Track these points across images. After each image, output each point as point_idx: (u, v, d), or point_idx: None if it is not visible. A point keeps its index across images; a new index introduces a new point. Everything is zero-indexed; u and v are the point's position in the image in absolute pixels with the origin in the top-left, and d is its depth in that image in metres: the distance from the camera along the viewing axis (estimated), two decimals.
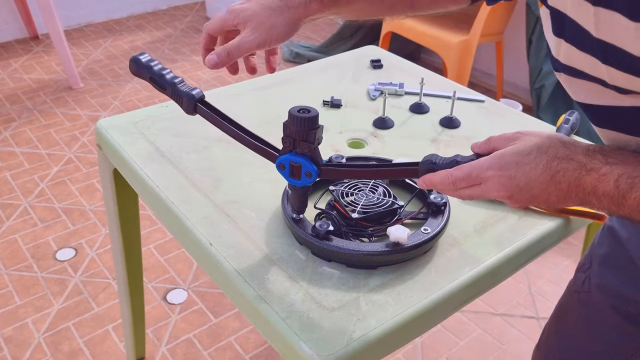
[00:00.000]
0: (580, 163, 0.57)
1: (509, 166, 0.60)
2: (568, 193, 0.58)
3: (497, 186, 0.61)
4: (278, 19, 0.74)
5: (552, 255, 2.01)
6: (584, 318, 0.78)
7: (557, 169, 0.58)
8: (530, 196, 0.60)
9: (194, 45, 3.55)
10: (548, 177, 0.58)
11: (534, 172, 0.58)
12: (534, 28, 2.52)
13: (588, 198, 0.57)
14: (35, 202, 2.18)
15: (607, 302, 0.74)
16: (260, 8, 0.74)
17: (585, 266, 0.79)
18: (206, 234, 0.85)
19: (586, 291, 0.77)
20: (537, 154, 0.59)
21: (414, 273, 0.79)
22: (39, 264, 1.89)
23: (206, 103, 0.80)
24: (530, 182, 0.59)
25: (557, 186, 0.58)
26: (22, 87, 3.02)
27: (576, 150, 0.58)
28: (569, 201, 0.59)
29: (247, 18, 0.74)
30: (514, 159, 0.60)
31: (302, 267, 0.80)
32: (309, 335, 0.69)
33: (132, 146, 1.05)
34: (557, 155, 0.58)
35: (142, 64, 0.80)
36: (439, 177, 0.65)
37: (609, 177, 0.55)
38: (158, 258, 1.94)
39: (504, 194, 0.61)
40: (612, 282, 0.73)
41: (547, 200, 0.60)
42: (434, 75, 1.37)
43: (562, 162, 0.57)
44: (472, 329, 1.72)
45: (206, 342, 1.64)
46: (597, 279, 0.76)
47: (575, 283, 0.81)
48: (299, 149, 0.75)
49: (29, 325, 1.67)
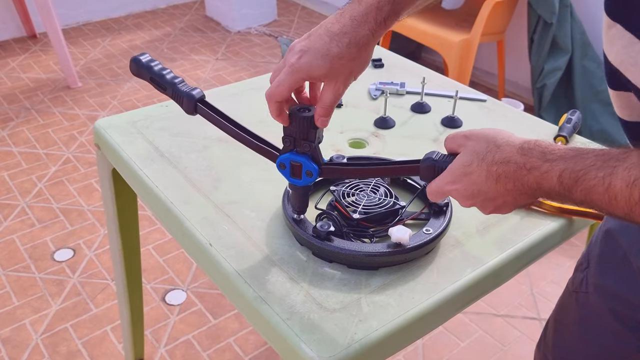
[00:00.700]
0: (517, 164, 0.59)
1: (459, 179, 0.64)
2: (517, 192, 0.60)
3: (459, 198, 0.65)
4: (354, 63, 0.70)
5: (555, 256, 2.01)
6: (580, 319, 0.78)
7: (498, 173, 0.60)
8: (489, 201, 0.63)
9: (193, 44, 3.55)
10: (493, 181, 0.61)
11: (480, 179, 0.62)
12: (536, 27, 2.52)
13: (537, 193, 0.59)
14: (33, 202, 2.18)
15: (604, 304, 0.74)
16: (329, 61, 0.68)
17: (582, 266, 0.79)
18: (206, 234, 0.85)
19: (584, 291, 0.77)
20: (477, 162, 0.62)
21: (415, 274, 0.79)
22: (36, 265, 1.89)
23: (206, 103, 0.80)
24: (482, 188, 0.62)
25: (505, 187, 0.60)
26: (20, 86, 3.02)
27: (511, 151, 0.60)
28: (524, 198, 0.61)
29: (322, 76, 0.70)
30: (461, 171, 0.63)
31: (302, 268, 0.80)
32: (310, 337, 0.69)
33: (131, 146, 1.05)
34: (494, 160, 0.60)
35: (143, 64, 0.80)
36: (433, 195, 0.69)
37: (551, 174, 0.56)
38: (157, 259, 1.94)
39: (468, 203, 0.65)
40: (609, 282, 0.73)
41: (505, 202, 0.62)
42: (436, 74, 1.36)
43: (501, 166, 0.60)
44: (474, 330, 1.72)
45: (205, 344, 1.64)
46: (594, 279, 0.76)
47: (573, 283, 0.81)
48: (299, 148, 0.75)
49: (27, 326, 1.67)
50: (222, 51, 3.47)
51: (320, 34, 0.69)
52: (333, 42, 0.68)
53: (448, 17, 2.84)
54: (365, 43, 0.69)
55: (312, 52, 0.68)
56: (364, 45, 0.69)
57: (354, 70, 0.71)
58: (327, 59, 0.68)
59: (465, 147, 0.65)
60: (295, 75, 0.69)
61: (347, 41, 0.68)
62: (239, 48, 3.53)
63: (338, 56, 0.68)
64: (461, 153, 0.65)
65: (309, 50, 0.68)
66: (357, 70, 0.71)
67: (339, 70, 0.69)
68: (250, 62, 3.36)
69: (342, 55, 0.68)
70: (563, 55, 2.48)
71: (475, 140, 0.64)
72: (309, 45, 0.69)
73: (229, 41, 3.62)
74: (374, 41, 0.70)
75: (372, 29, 0.69)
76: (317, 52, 0.68)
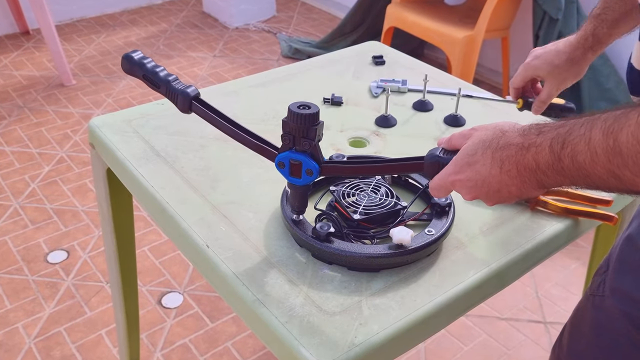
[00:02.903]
0: (518, 145, 0.60)
1: (463, 169, 0.65)
2: (521, 178, 0.61)
3: (463, 190, 0.67)
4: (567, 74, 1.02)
5: (560, 258, 2.01)
6: (595, 323, 0.78)
7: (501, 159, 0.62)
8: (492, 192, 0.64)
9: (189, 40, 3.55)
10: (498, 168, 0.62)
11: (485, 168, 0.63)
12: (541, 23, 2.52)
13: (538, 177, 0.60)
14: (25, 202, 2.18)
15: (620, 308, 0.74)
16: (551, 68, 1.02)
17: (602, 269, 0.79)
18: (203, 235, 0.85)
19: (600, 295, 0.77)
20: (482, 150, 0.63)
21: (417, 276, 0.79)
22: (29, 267, 1.89)
23: (202, 101, 0.80)
24: (485, 178, 0.63)
25: (509, 174, 0.62)
26: (13, 84, 3.02)
27: (513, 135, 0.62)
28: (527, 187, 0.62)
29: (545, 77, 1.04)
30: (465, 161, 0.65)
31: (302, 270, 0.80)
32: (309, 341, 0.69)
33: (126, 145, 1.05)
34: (498, 145, 0.62)
35: (135, 61, 0.80)
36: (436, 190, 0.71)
37: (543, 145, 0.58)
38: (153, 261, 1.94)
39: (471, 195, 0.66)
40: (626, 285, 0.73)
41: (509, 192, 0.63)
42: (438, 71, 1.37)
43: (505, 150, 0.61)
44: (477, 334, 1.72)
45: (202, 348, 1.64)
46: (611, 283, 0.76)
47: (592, 286, 0.81)
48: (298, 146, 0.75)
49: (20, 330, 1.67)
50: (219, 48, 3.48)
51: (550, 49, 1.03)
52: (556, 57, 1.02)
53: (451, 13, 2.84)
54: (578, 62, 1.01)
55: (542, 59, 1.03)
56: (577, 63, 1.01)
57: (567, 80, 1.03)
58: (550, 67, 1.02)
59: (472, 137, 0.66)
60: (527, 70, 1.06)
61: (565, 57, 1.01)
62: (237, 45, 3.53)
63: (558, 67, 1.02)
64: (467, 143, 0.66)
65: (540, 56, 1.04)
66: (569, 79, 1.03)
67: (556, 76, 1.03)
68: (249, 59, 3.36)
69: (560, 66, 1.02)
70: None
71: (484, 130, 0.65)
72: (542, 53, 1.04)
73: (227, 38, 3.62)
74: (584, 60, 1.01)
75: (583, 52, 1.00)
76: (545, 60, 1.03)
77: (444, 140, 0.72)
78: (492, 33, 2.69)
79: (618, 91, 2.51)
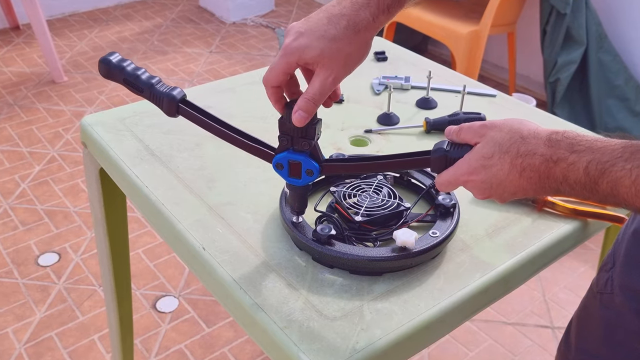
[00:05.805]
0: (544, 157, 0.61)
1: (477, 171, 0.65)
2: (541, 184, 0.62)
3: (475, 190, 0.67)
4: (350, 48, 0.69)
5: (568, 261, 2.01)
6: (605, 322, 0.78)
7: (523, 166, 0.62)
8: (508, 193, 0.65)
9: (185, 36, 3.55)
10: (517, 174, 0.62)
11: (502, 173, 0.63)
12: (549, 17, 2.52)
13: (561, 187, 0.61)
14: (16, 203, 2.18)
15: (630, 305, 0.74)
16: (324, 42, 0.68)
17: (608, 265, 0.79)
18: (199, 237, 0.85)
19: (609, 292, 0.77)
20: (500, 155, 0.63)
21: (421, 280, 0.79)
22: (19, 270, 1.89)
23: (189, 103, 0.78)
24: (502, 182, 0.64)
25: (529, 181, 0.62)
26: (2, 80, 3.02)
27: (538, 144, 0.61)
28: (545, 191, 0.63)
29: (314, 58, 0.68)
30: (480, 163, 0.65)
31: (301, 273, 0.80)
32: (309, 346, 0.69)
33: (119, 144, 1.05)
34: (519, 152, 0.62)
35: (114, 64, 0.78)
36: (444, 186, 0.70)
37: (577, 166, 0.58)
38: (147, 263, 1.94)
39: (484, 195, 0.67)
40: (635, 282, 0.73)
41: (525, 193, 0.64)
42: (442, 68, 1.37)
43: (526, 159, 0.62)
44: (483, 339, 1.72)
45: (198, 353, 1.64)
46: (620, 279, 0.76)
47: (597, 283, 0.81)
48: (297, 146, 0.74)
49: (10, 335, 1.67)
50: (216, 43, 3.48)
51: (319, 17, 0.69)
52: (330, 24, 0.68)
53: (456, 8, 2.83)
54: (365, 27, 0.68)
55: (308, 34, 0.68)
56: (363, 29, 0.68)
57: (349, 58, 0.69)
58: (322, 41, 0.67)
59: (485, 137, 0.65)
60: (288, 57, 0.69)
61: (344, 23, 0.68)
62: (234, 40, 3.53)
63: (334, 38, 0.67)
64: (481, 143, 0.65)
65: (305, 32, 0.68)
66: (353, 58, 0.70)
67: (333, 55, 0.68)
68: (246, 55, 3.36)
69: (338, 37, 0.68)
70: (577, 47, 2.48)
71: (498, 131, 0.65)
72: (305, 27, 0.69)
73: (224, 33, 3.62)
74: (374, 27, 0.69)
75: (374, 13, 0.68)
76: (312, 33, 0.68)
77: (452, 130, 0.69)
78: (498, 28, 2.69)
79: (628, 88, 2.51)
